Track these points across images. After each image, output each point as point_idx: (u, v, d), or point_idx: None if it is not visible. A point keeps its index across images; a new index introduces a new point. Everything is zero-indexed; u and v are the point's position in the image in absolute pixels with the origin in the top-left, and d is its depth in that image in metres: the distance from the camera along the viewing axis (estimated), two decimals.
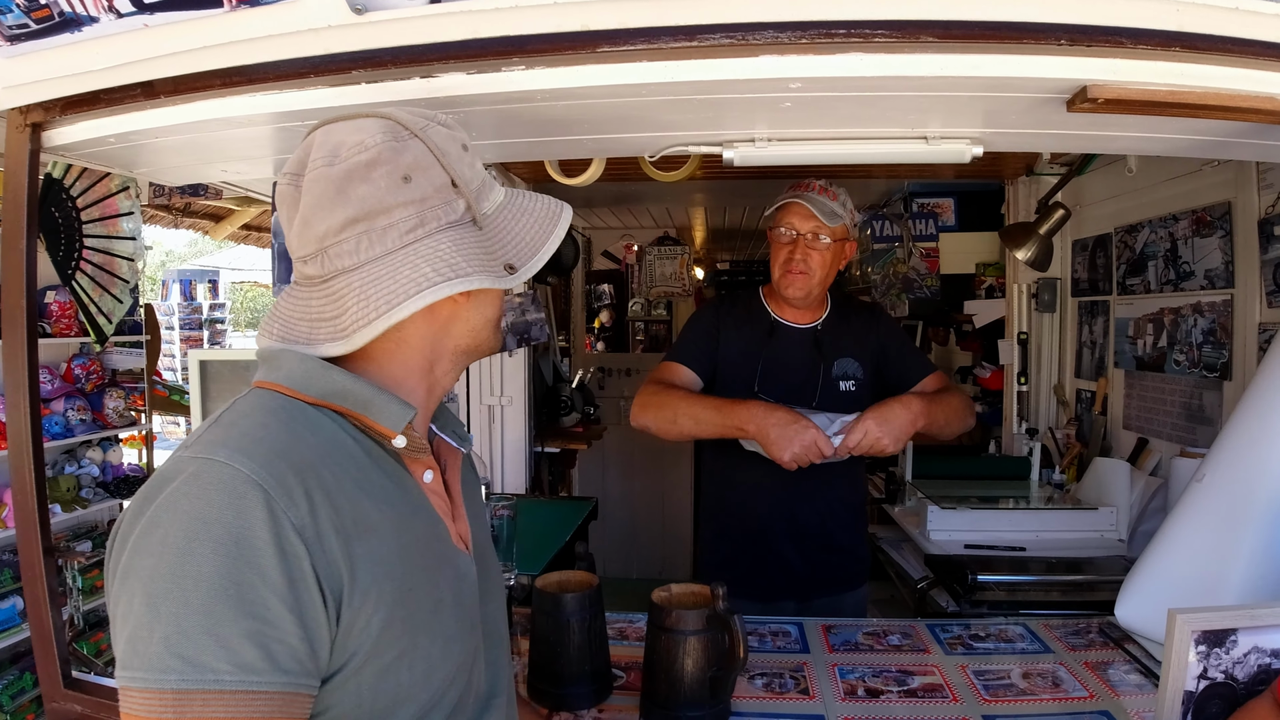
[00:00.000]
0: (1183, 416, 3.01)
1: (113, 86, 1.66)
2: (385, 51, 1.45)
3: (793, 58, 1.45)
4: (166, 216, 5.48)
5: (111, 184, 2.41)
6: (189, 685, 0.82)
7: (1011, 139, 1.93)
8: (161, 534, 0.86)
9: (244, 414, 0.99)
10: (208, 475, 0.88)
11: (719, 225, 7.33)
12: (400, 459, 1.08)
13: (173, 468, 0.91)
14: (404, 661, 0.98)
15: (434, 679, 1.03)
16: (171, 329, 12.33)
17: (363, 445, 1.03)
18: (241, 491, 0.87)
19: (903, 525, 3.33)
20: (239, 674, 0.83)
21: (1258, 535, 1.91)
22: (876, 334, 2.64)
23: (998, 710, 1.83)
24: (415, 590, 1.00)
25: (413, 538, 1.03)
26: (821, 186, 2.42)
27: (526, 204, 1.16)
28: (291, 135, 1.86)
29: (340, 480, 0.96)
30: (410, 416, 1.05)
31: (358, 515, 0.96)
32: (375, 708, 0.97)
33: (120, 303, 2.61)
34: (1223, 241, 2.78)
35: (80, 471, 4.70)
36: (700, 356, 2.54)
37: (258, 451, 0.91)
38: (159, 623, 0.83)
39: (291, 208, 1.04)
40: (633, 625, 2.32)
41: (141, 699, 0.83)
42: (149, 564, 0.85)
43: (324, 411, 1.02)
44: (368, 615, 0.94)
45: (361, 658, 0.94)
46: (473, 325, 1.13)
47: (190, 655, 0.82)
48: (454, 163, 1.07)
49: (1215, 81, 1.51)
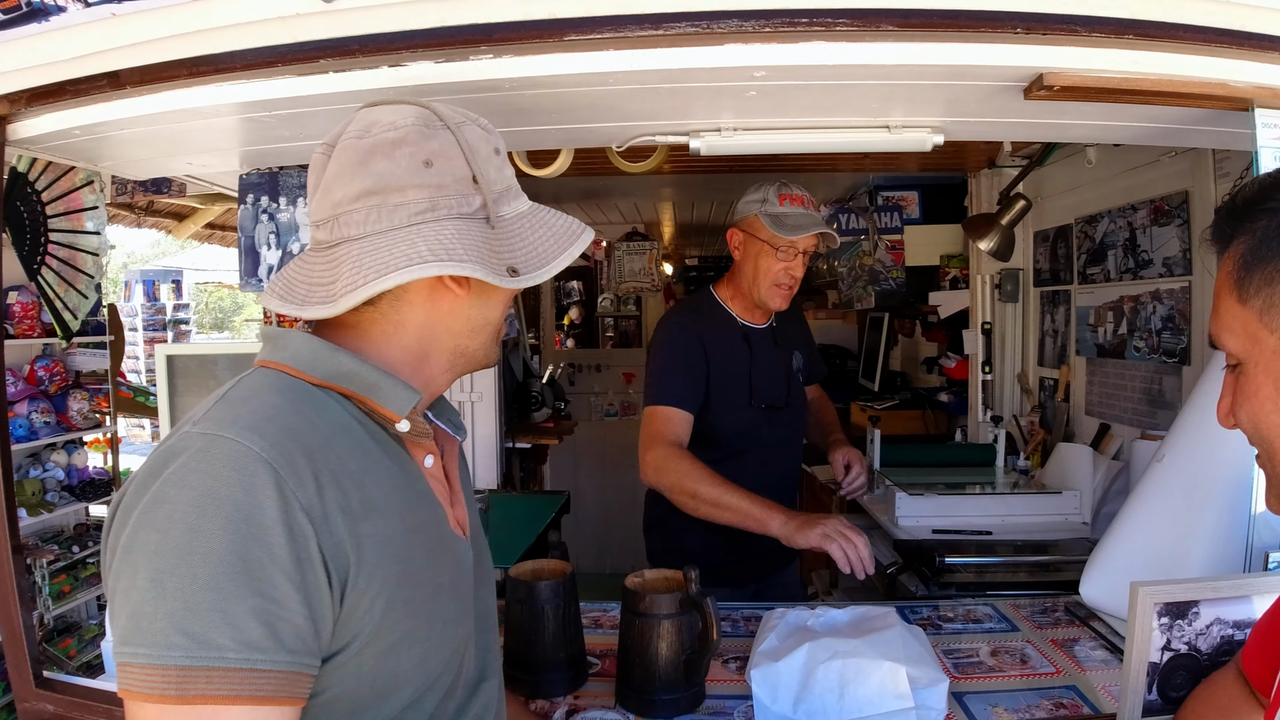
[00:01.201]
0: (1143, 401, 3.07)
1: (79, 77, 1.65)
2: (353, 40, 1.45)
3: (757, 46, 1.47)
4: (129, 215, 5.39)
5: (76, 178, 2.38)
6: (194, 662, 0.82)
7: (972, 127, 1.96)
8: (169, 509, 0.85)
9: (252, 392, 0.99)
10: (217, 451, 0.88)
11: (687, 220, 7.34)
12: (403, 443, 1.09)
13: (180, 443, 0.90)
14: (403, 644, 0.99)
15: (430, 662, 1.04)
16: (135, 330, 12.18)
17: (367, 428, 1.04)
18: (252, 469, 0.87)
19: (871, 513, 3.36)
20: (244, 651, 0.83)
21: (1217, 511, 1.95)
22: (803, 328, 2.83)
23: (967, 687, 1.86)
24: (417, 574, 1.01)
25: (415, 521, 1.04)
26: (810, 199, 2.46)
27: (548, 219, 1.16)
28: (258, 126, 1.85)
29: (346, 462, 0.97)
30: (415, 401, 1.06)
31: (363, 497, 0.96)
32: (374, 689, 0.97)
33: (86, 298, 2.58)
34: (1180, 230, 2.83)
35: (45, 475, 4.62)
36: (692, 397, 2.52)
37: (268, 430, 0.91)
38: (165, 598, 0.82)
39: (319, 174, 1.07)
40: (607, 614, 2.33)
41: (143, 675, 0.82)
42: (155, 539, 0.84)
43: (329, 393, 1.03)
44: (371, 597, 0.94)
45: (363, 640, 0.94)
46: (472, 324, 1.13)
47: (196, 632, 0.82)
48: (480, 160, 1.08)
49: (1168, 68, 1.55)
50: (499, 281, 1.06)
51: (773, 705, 1.72)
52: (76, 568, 4.62)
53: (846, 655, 1.72)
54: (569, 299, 9.33)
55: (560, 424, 5.15)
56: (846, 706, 1.68)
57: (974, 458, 3.64)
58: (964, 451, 3.84)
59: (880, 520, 3.18)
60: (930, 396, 4.83)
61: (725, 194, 5.86)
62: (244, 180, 2.36)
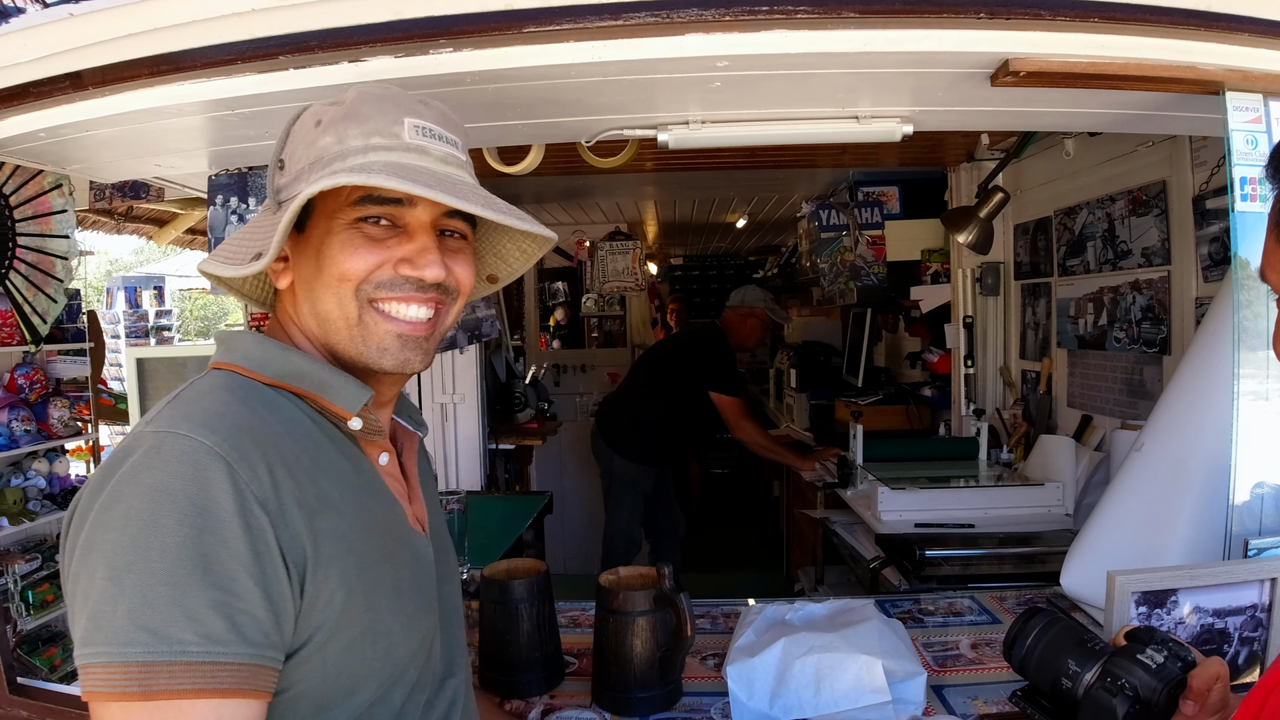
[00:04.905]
0: (1124, 392, 3.07)
1: (41, 79, 1.63)
2: (311, 35, 1.43)
3: (718, 35, 1.46)
4: (109, 222, 5.36)
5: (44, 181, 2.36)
6: (154, 658, 0.81)
7: (941, 117, 1.95)
8: (124, 507, 0.84)
9: (203, 392, 0.98)
10: (169, 448, 0.87)
11: (670, 219, 7.35)
12: (356, 441, 1.08)
13: (132, 442, 0.90)
14: (367, 638, 0.98)
15: (395, 656, 1.03)
16: (118, 337, 12.10)
17: (320, 426, 1.04)
18: (204, 464, 0.86)
19: (854, 508, 3.37)
20: (205, 644, 0.82)
21: (1196, 499, 1.95)
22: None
23: (947, 680, 1.86)
24: (375, 568, 1.00)
25: (371, 517, 1.04)
26: None
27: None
28: (223, 125, 1.84)
29: (300, 458, 0.96)
30: (366, 399, 1.05)
31: (318, 492, 0.96)
32: (339, 684, 0.96)
33: (55, 302, 2.56)
34: (1158, 220, 2.83)
35: (26, 484, 4.58)
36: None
37: (219, 426, 0.90)
38: (123, 596, 0.82)
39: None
40: (585, 613, 2.32)
41: (104, 674, 0.81)
42: (111, 537, 0.84)
43: (281, 393, 1.03)
44: (331, 589, 0.93)
45: (325, 633, 0.94)
46: (313, 293, 1.07)
47: (155, 627, 0.81)
48: (295, 140, 1.07)
49: (1135, 52, 1.54)
50: (236, 272, 1.04)
51: (749, 701, 1.70)
52: (59, 577, 4.57)
53: (822, 650, 1.71)
54: (554, 300, 9.33)
55: (544, 425, 5.14)
56: (823, 701, 1.67)
57: (957, 451, 3.65)
58: (947, 445, 3.85)
59: (863, 515, 3.18)
60: (914, 391, 4.83)
61: (707, 192, 5.86)
62: (213, 181, 2.34)
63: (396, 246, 1.03)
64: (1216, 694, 1.16)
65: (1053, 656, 1.34)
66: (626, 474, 4.78)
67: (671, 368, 4.85)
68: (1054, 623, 1.39)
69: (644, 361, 5.26)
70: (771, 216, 6.96)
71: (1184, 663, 1.21)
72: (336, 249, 1.02)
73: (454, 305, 1.10)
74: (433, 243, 1.05)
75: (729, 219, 7.23)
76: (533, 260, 1.26)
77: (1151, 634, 1.27)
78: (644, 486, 4.82)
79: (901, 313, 5.20)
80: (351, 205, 1.01)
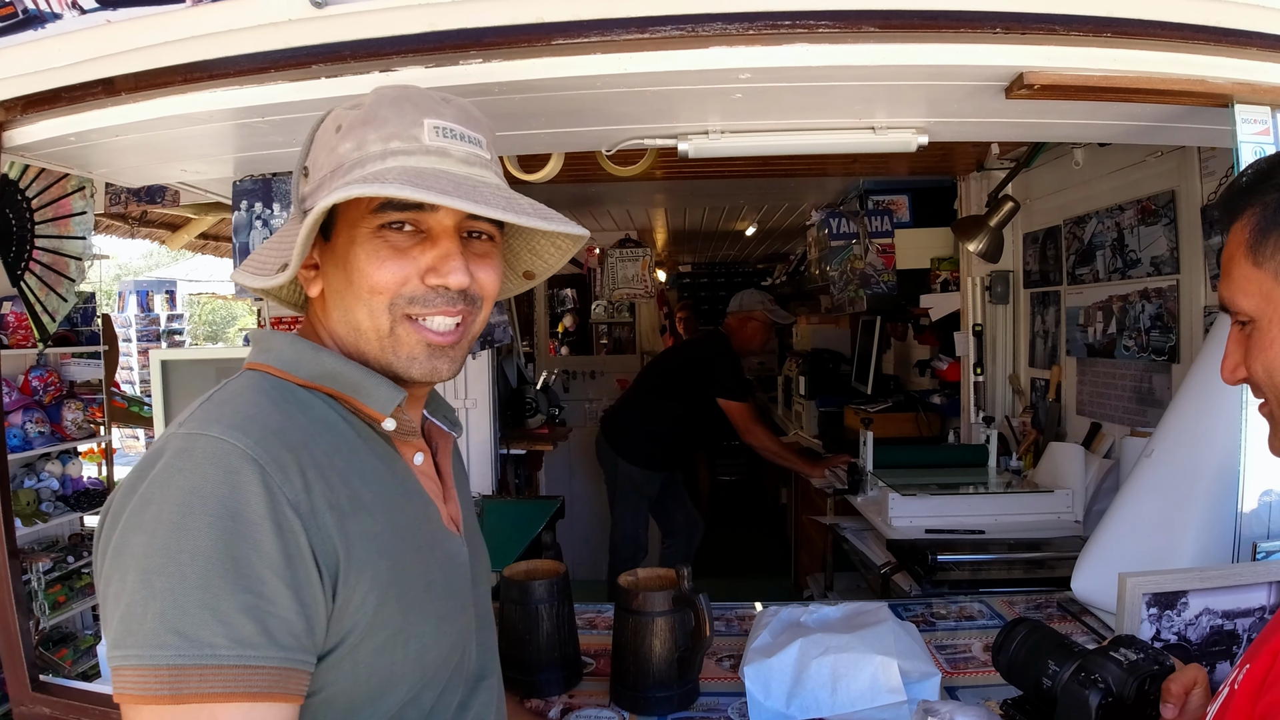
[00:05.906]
0: (1133, 400, 3.09)
1: (74, 84, 1.66)
2: (344, 45, 1.47)
3: (741, 49, 1.49)
4: (123, 226, 5.40)
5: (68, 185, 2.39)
6: (185, 661, 0.81)
7: (955, 128, 1.98)
8: (155, 510, 0.84)
9: (235, 393, 0.99)
10: (202, 450, 0.88)
11: (679, 227, 7.36)
12: (391, 441, 1.08)
13: (164, 444, 0.90)
14: (398, 640, 0.98)
15: (427, 658, 1.03)
16: (129, 341, 12.19)
17: (354, 426, 1.04)
18: (236, 466, 0.87)
19: (865, 515, 3.38)
20: (236, 648, 0.82)
21: (1206, 504, 1.97)
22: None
23: (960, 681, 1.88)
24: (408, 569, 1.00)
25: (404, 518, 1.04)
26: None
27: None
28: (251, 132, 1.87)
29: (332, 459, 0.96)
30: (399, 399, 1.05)
31: (350, 494, 0.96)
32: (370, 686, 0.96)
33: (65, 301, 2.58)
34: (1167, 229, 2.85)
35: (40, 485, 4.62)
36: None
37: (252, 428, 0.90)
38: (154, 599, 0.82)
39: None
40: (602, 615, 2.35)
41: (136, 676, 0.82)
42: (142, 540, 0.84)
43: (315, 394, 1.03)
44: (363, 592, 0.93)
45: (357, 635, 0.94)
46: (344, 303, 1.06)
47: (186, 630, 0.81)
48: (318, 148, 1.07)
49: (1146, 65, 1.58)
50: (264, 283, 1.07)
51: (766, 701, 1.73)
52: (71, 578, 4.61)
53: (839, 650, 1.74)
54: (563, 307, 9.36)
55: (554, 430, 5.16)
56: (839, 701, 1.70)
57: (967, 458, 3.66)
58: (957, 452, 3.86)
59: (874, 522, 3.20)
60: (923, 399, 4.85)
61: (717, 200, 5.88)
62: (237, 187, 2.38)
63: (420, 255, 1.03)
64: (1196, 699, 1.19)
65: (1035, 659, 1.43)
66: (631, 478, 4.83)
67: (677, 376, 4.91)
68: (1036, 630, 1.48)
69: (650, 369, 5.34)
70: (781, 224, 6.98)
71: (1160, 665, 1.27)
72: (363, 260, 1.02)
73: (480, 313, 1.10)
74: (456, 248, 1.04)
75: (738, 227, 7.26)
76: (567, 257, 1.25)
77: (1131, 640, 1.35)
78: (648, 491, 4.86)
79: (911, 320, 5.22)
80: (373, 212, 1.01)
